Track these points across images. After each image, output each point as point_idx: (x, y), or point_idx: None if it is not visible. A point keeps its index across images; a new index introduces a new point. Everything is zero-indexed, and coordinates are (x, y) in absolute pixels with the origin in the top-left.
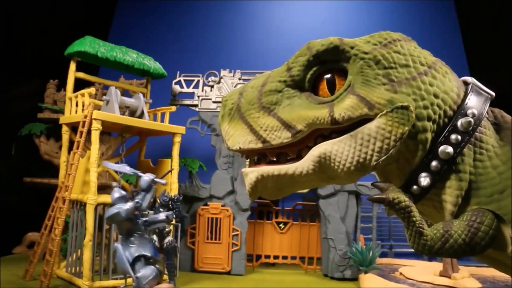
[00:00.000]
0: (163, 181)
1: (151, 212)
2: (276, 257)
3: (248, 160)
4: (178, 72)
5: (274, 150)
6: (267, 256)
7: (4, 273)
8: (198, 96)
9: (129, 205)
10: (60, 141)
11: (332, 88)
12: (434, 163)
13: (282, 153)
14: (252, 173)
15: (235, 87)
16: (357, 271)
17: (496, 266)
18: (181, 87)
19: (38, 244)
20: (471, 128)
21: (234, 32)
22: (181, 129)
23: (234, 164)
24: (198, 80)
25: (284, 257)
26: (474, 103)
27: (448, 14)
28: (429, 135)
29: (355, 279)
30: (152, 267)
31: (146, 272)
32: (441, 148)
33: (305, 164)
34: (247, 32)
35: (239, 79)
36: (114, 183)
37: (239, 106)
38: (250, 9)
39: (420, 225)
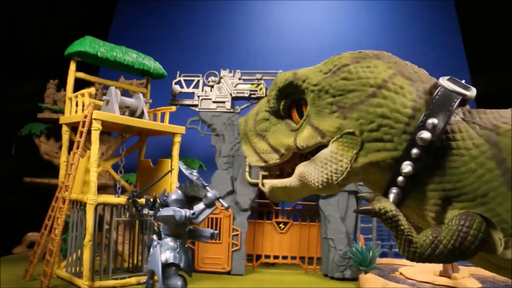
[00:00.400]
0: (225, 204)
1: (151, 212)
2: (276, 257)
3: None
4: (178, 72)
5: (276, 167)
6: (267, 256)
7: (4, 273)
8: (198, 96)
9: (186, 213)
10: (60, 141)
11: (301, 115)
12: (400, 179)
13: (284, 168)
14: (266, 184)
15: (235, 87)
16: (357, 271)
17: (487, 267)
18: (181, 87)
19: (38, 244)
20: (429, 140)
21: (234, 32)
22: (181, 129)
23: (234, 164)
24: (198, 80)
25: (284, 257)
26: (437, 111)
27: (448, 14)
28: (381, 155)
29: (355, 279)
30: (181, 277)
31: (176, 281)
32: (403, 164)
33: (293, 180)
34: (247, 32)
35: (239, 79)
36: (177, 184)
37: (246, 132)
38: (250, 9)
39: (409, 233)
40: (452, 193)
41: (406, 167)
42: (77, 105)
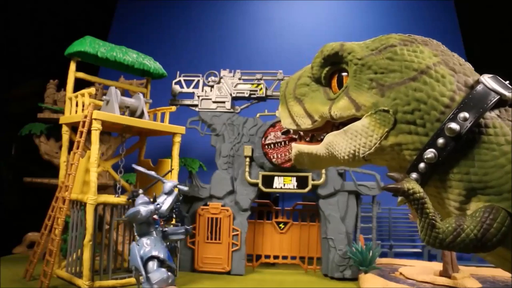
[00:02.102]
0: (185, 187)
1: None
2: (276, 257)
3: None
4: (178, 72)
5: (307, 132)
6: (267, 256)
7: (4, 273)
8: (198, 96)
9: (149, 207)
10: (60, 141)
11: (341, 85)
12: (421, 165)
13: (314, 136)
14: (294, 148)
15: (235, 87)
16: (357, 271)
17: (502, 264)
18: (181, 87)
19: (38, 244)
20: (457, 132)
21: (234, 32)
22: (181, 129)
23: (234, 164)
24: (198, 80)
25: (284, 257)
26: (471, 105)
27: (448, 14)
28: (410, 137)
29: (355, 279)
30: (164, 269)
31: (157, 273)
32: (426, 151)
33: (321, 148)
34: (247, 32)
35: (239, 79)
36: (140, 190)
37: (285, 94)
38: (250, 9)
39: (433, 217)
40: (478, 185)
41: (429, 153)
42: (77, 105)
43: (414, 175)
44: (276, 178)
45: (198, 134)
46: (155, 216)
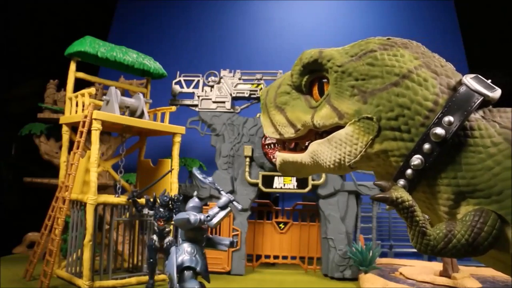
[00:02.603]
0: (239, 206)
1: (151, 212)
2: (276, 257)
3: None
4: (178, 72)
5: (291, 141)
6: (267, 256)
7: (4, 273)
8: (198, 96)
9: (200, 216)
10: (60, 141)
11: (322, 92)
12: (408, 172)
13: (298, 144)
14: (278, 157)
15: (235, 87)
16: (357, 271)
17: (497, 266)
18: (181, 87)
19: (38, 244)
20: (442, 137)
21: (234, 32)
22: (181, 129)
23: (234, 164)
24: (198, 80)
25: (284, 257)
26: (455, 108)
27: (448, 14)
28: (396, 144)
29: (355, 279)
30: (197, 282)
31: (190, 285)
32: (413, 158)
33: (305, 156)
34: (247, 32)
35: (239, 79)
36: (195, 193)
37: (265, 102)
38: (250, 9)
39: (423, 224)
40: (466, 189)
41: (416, 160)
42: (77, 105)
43: (401, 181)
44: (276, 178)
45: (198, 134)
46: (203, 226)
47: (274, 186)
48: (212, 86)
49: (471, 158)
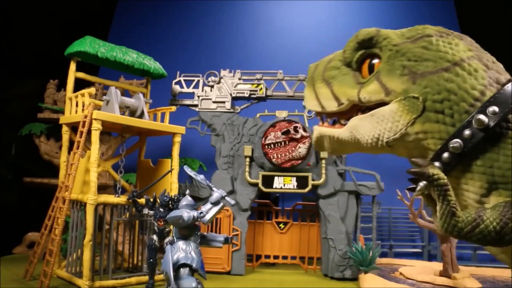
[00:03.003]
0: (232, 201)
1: (151, 212)
2: (276, 257)
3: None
4: (178, 72)
5: (329, 115)
6: (267, 256)
7: (4, 273)
8: (198, 96)
9: (193, 213)
10: (60, 141)
11: (371, 71)
12: (445, 155)
13: (338, 120)
14: (315, 130)
15: (235, 87)
16: (357, 271)
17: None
18: (181, 87)
19: (38, 244)
20: (485, 125)
21: (234, 32)
22: (181, 129)
23: (234, 164)
24: (198, 80)
25: (284, 257)
26: (501, 100)
27: (448, 14)
28: (437, 126)
29: (355, 279)
30: (194, 278)
31: (187, 282)
32: (452, 141)
33: (344, 132)
34: (247, 32)
35: (239, 79)
36: (187, 191)
37: (313, 76)
38: (250, 9)
39: (454, 205)
40: (501, 180)
41: (455, 143)
42: (77, 105)
43: (437, 164)
44: (276, 178)
45: (198, 134)
46: (197, 223)
47: (274, 186)
48: (212, 86)
49: (509, 150)
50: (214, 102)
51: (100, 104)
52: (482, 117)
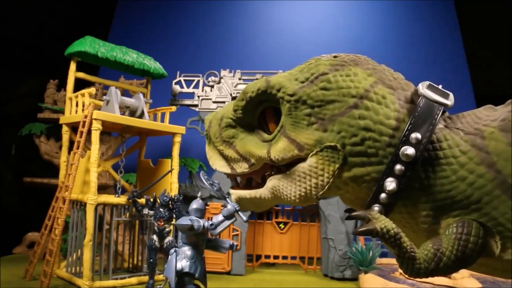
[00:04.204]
0: (244, 217)
1: (151, 212)
2: (276, 257)
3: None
4: (178, 72)
5: (242, 176)
6: (267, 256)
7: (4, 273)
8: (198, 96)
9: (204, 224)
10: (60, 141)
11: (277, 123)
12: (382, 196)
13: (251, 178)
14: (233, 194)
15: (235, 87)
16: (357, 271)
17: (482, 270)
18: (181, 87)
19: (38, 244)
20: (414, 156)
21: (234, 32)
22: (181, 129)
23: None
24: (198, 80)
25: (284, 257)
26: (419, 124)
27: (448, 14)
28: (366, 169)
29: (355, 279)
30: (193, 286)
31: None
32: (386, 182)
33: (264, 192)
34: (247, 32)
35: (239, 79)
36: (199, 193)
37: (209, 135)
38: (250, 9)
39: (412, 249)
40: (444, 202)
41: (390, 184)
42: (77, 105)
43: (376, 207)
44: None
45: (198, 134)
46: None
47: None
48: (212, 86)
49: (443, 171)
50: (214, 102)
51: (100, 104)
52: (409, 150)
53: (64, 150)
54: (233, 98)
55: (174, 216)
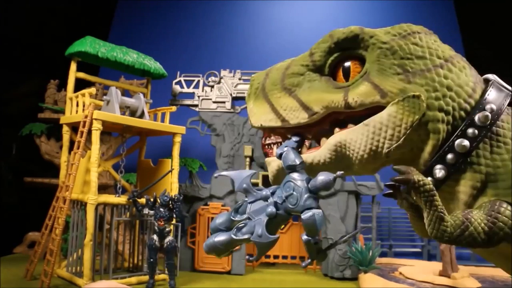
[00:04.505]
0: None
1: (151, 212)
2: (276, 256)
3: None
4: (178, 72)
5: (291, 130)
6: (267, 256)
7: (5, 272)
8: (198, 96)
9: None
10: (61, 141)
11: (347, 75)
12: (449, 156)
13: (303, 143)
14: (274, 161)
15: (235, 87)
16: (357, 270)
17: (504, 264)
18: (181, 87)
19: (39, 244)
20: (488, 122)
21: (234, 32)
22: (181, 129)
23: (234, 164)
24: (198, 80)
25: (284, 257)
26: (493, 98)
27: (448, 14)
28: (441, 126)
29: (354, 278)
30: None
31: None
32: (458, 141)
33: (323, 153)
34: (247, 32)
35: (239, 79)
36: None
37: (264, 86)
38: (250, 9)
39: (442, 210)
40: (492, 178)
41: (462, 142)
42: (77, 105)
43: (438, 167)
44: None
45: (198, 134)
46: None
47: None
48: (212, 86)
49: (499, 148)
50: (214, 102)
51: (101, 104)
52: (486, 114)
53: (65, 150)
54: (234, 98)
55: (174, 216)
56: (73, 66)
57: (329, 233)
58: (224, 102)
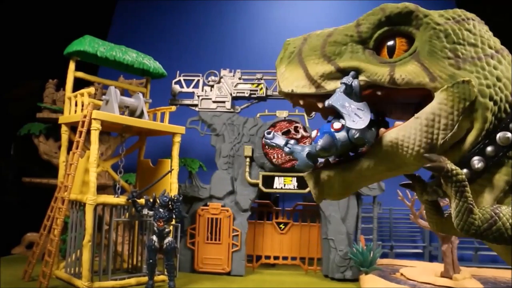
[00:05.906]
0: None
1: (151, 212)
2: (276, 257)
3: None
4: (178, 72)
5: (322, 99)
6: (267, 257)
7: (3, 273)
8: (198, 96)
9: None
10: (59, 141)
11: (391, 52)
12: (489, 148)
13: (342, 154)
14: (323, 174)
15: (235, 87)
16: (358, 271)
17: None
18: (181, 86)
19: (37, 245)
20: None
21: (234, 32)
22: (181, 129)
23: (234, 164)
24: (198, 80)
25: (285, 258)
26: None
27: None
28: (489, 114)
29: (355, 279)
30: None
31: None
32: (501, 134)
33: (372, 156)
34: (247, 32)
35: (239, 78)
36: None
37: (301, 50)
38: (250, 9)
39: (471, 202)
40: None
41: (505, 135)
42: (76, 104)
43: (476, 158)
44: (276, 178)
45: (198, 134)
46: None
47: (274, 187)
48: (212, 86)
49: None
50: (214, 102)
51: (100, 103)
52: None
53: (63, 150)
54: (234, 98)
55: (174, 216)
56: (72, 65)
57: (329, 234)
58: (224, 102)
